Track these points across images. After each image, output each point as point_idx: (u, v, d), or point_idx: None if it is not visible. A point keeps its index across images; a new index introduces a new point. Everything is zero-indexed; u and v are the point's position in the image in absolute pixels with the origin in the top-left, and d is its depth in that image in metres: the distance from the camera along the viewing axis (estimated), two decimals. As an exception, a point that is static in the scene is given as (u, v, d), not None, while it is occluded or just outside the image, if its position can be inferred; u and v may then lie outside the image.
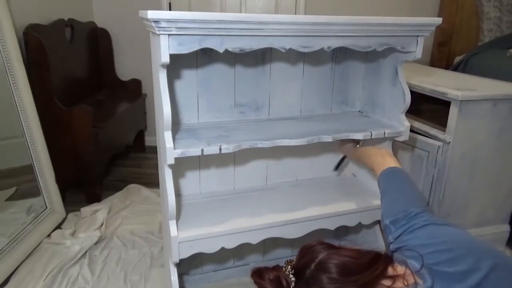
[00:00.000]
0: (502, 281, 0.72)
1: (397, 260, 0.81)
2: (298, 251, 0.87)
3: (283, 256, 1.69)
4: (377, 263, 0.80)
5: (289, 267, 0.84)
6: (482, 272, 0.71)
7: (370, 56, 1.48)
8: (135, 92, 2.97)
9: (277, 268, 0.85)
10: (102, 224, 1.96)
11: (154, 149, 1.86)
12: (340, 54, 1.49)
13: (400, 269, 0.79)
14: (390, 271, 0.79)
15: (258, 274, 0.86)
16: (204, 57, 1.32)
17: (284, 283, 0.82)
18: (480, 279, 0.71)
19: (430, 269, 0.75)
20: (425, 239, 0.81)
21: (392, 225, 0.89)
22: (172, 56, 1.00)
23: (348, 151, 1.47)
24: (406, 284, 0.76)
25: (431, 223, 0.84)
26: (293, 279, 0.82)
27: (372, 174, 1.41)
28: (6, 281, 1.57)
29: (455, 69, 2.67)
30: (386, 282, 0.77)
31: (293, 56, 1.43)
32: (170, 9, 2.90)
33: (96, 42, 2.83)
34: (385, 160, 1.18)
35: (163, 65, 1.04)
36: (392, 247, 0.86)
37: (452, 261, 0.74)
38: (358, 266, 0.78)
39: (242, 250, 1.61)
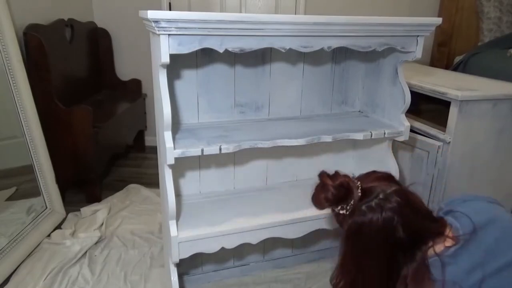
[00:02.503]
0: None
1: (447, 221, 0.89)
2: (366, 174, 0.95)
3: (283, 256, 1.69)
4: (440, 221, 0.89)
5: (358, 182, 0.90)
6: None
7: (370, 56, 1.48)
8: (135, 92, 2.97)
9: (347, 176, 0.93)
10: (102, 224, 1.96)
11: (154, 149, 1.86)
12: (340, 54, 1.48)
13: (447, 231, 0.86)
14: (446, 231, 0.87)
15: (328, 176, 0.96)
16: (204, 57, 1.32)
17: (351, 192, 0.88)
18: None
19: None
20: (473, 214, 0.87)
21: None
22: (172, 56, 1.00)
23: None
24: (444, 246, 0.84)
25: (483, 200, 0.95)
26: (359, 193, 0.87)
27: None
28: (6, 281, 1.57)
29: (455, 69, 2.67)
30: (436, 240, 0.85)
31: (293, 56, 1.43)
32: (170, 9, 2.90)
33: (96, 42, 2.83)
34: None
35: (163, 65, 1.04)
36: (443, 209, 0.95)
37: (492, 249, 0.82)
38: (428, 214, 0.89)
39: (242, 250, 1.61)
